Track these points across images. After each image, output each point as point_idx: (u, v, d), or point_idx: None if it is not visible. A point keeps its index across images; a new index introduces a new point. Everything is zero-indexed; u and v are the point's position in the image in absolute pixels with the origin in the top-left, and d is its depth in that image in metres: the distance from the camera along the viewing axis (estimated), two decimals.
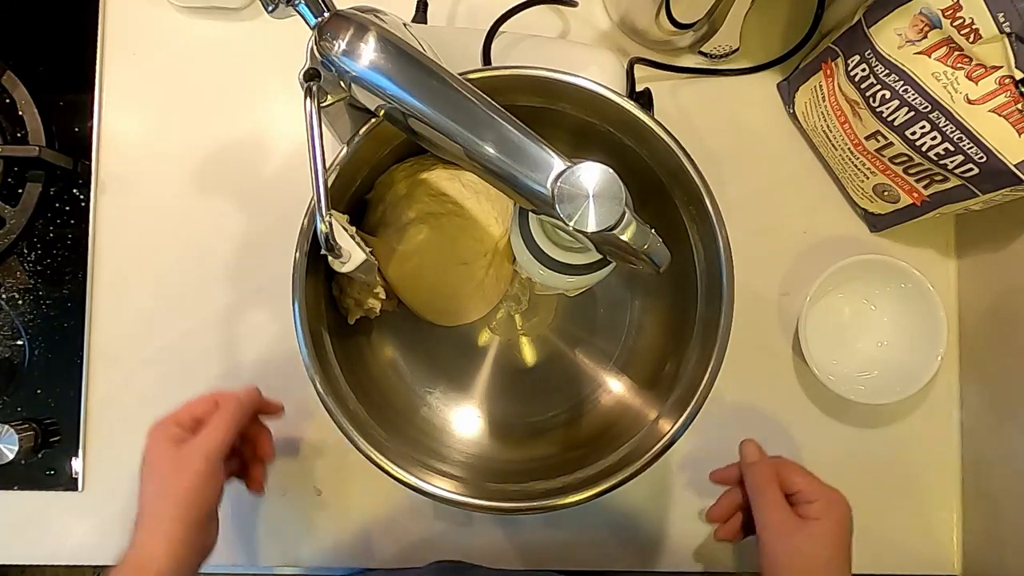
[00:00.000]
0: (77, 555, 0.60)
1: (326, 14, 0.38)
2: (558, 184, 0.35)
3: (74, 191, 0.62)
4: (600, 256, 0.40)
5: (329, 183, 0.41)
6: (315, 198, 0.39)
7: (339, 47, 0.37)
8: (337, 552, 0.60)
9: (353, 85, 0.38)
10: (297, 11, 0.38)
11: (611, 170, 0.35)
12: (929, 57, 0.49)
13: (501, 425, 0.56)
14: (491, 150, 0.36)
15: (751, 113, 0.64)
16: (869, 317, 0.62)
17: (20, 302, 0.61)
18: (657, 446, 0.46)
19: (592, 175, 0.35)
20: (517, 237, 0.43)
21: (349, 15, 0.38)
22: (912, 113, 0.50)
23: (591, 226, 0.35)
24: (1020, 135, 0.47)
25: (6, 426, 0.57)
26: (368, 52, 0.37)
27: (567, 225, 0.35)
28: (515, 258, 0.48)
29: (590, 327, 0.58)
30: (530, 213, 0.41)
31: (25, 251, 0.62)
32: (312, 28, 0.38)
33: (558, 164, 0.36)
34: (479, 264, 0.54)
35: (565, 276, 0.43)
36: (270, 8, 0.38)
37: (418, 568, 0.57)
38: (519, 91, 0.48)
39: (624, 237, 0.35)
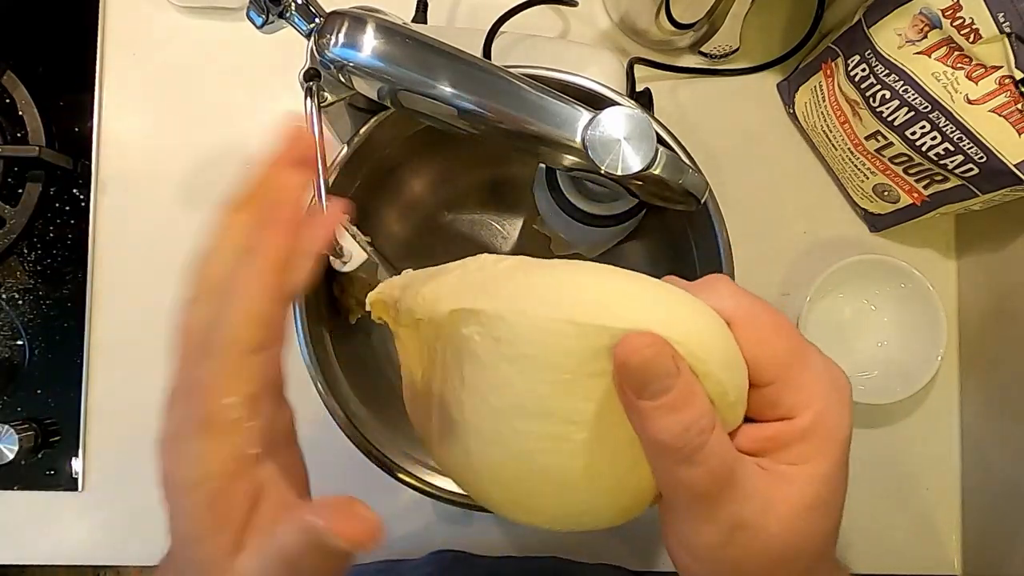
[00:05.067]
0: (77, 555, 0.60)
1: (318, 20, 0.38)
2: (588, 134, 0.35)
3: (74, 191, 0.62)
4: (629, 206, 0.41)
5: (329, 183, 0.41)
6: (316, 198, 0.39)
7: (339, 40, 0.37)
8: None
9: (356, 78, 0.38)
10: (290, 23, 0.38)
11: (637, 110, 0.35)
12: (929, 57, 0.49)
13: None
14: (516, 114, 0.37)
15: (751, 113, 0.64)
16: (869, 317, 0.62)
17: (20, 302, 0.61)
18: None
19: (619, 119, 0.35)
20: (544, 195, 0.44)
21: (345, 11, 0.38)
22: (912, 113, 0.50)
23: (629, 168, 0.35)
24: (1020, 135, 0.47)
25: (6, 426, 0.57)
26: (369, 40, 0.37)
27: (601, 173, 0.35)
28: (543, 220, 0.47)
29: None
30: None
31: (25, 251, 0.62)
32: (306, 36, 0.38)
33: (584, 115, 0.36)
34: None
35: (597, 229, 0.43)
36: (260, 23, 0.38)
37: (415, 560, 0.57)
38: None
39: (660, 173, 0.36)
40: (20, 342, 0.61)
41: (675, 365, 0.23)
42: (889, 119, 0.52)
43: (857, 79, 0.54)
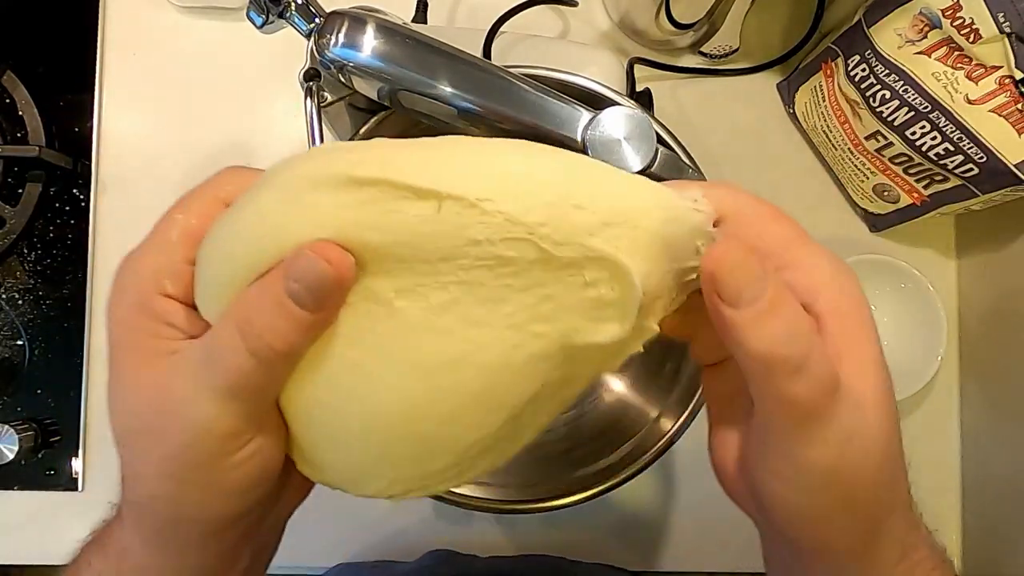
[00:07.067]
0: None
1: (318, 20, 0.38)
2: (588, 134, 0.36)
3: (74, 191, 0.62)
4: None
5: None
6: None
7: (339, 40, 0.37)
8: (337, 549, 0.60)
9: (356, 78, 0.38)
10: (290, 23, 0.38)
11: (637, 111, 0.35)
12: (929, 57, 0.49)
13: None
14: (516, 115, 0.37)
15: (751, 113, 0.64)
16: None
17: (20, 302, 0.61)
18: (658, 445, 0.46)
19: (619, 119, 0.35)
20: None
21: (345, 11, 0.38)
22: (912, 113, 0.50)
23: (629, 168, 0.35)
24: (1020, 135, 0.47)
25: (6, 426, 0.57)
26: (369, 40, 0.37)
27: None
28: None
29: None
30: None
31: (25, 251, 0.62)
32: (306, 36, 0.38)
33: (584, 115, 0.36)
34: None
35: None
36: (260, 23, 0.38)
37: (411, 562, 0.57)
38: None
39: (660, 173, 0.36)
40: (20, 342, 0.61)
41: (762, 267, 0.21)
42: (889, 119, 0.52)
43: (857, 79, 0.54)
